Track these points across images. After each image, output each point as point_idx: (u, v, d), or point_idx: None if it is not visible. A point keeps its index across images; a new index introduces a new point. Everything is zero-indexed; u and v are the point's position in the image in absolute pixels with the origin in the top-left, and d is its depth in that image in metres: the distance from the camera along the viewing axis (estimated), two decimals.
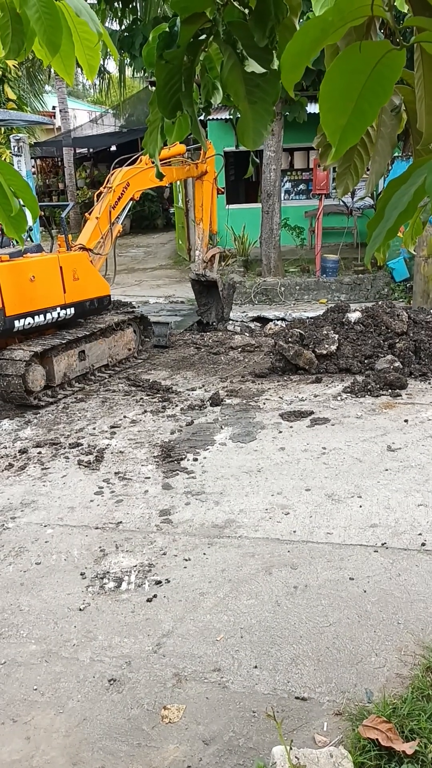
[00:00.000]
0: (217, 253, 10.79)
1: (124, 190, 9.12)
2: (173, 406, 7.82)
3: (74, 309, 8.74)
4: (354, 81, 1.23)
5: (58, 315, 8.47)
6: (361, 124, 1.26)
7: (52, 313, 8.36)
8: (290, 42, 1.25)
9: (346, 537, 4.88)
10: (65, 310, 8.58)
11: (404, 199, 1.37)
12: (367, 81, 1.23)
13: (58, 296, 8.45)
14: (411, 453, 6.17)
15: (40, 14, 1.67)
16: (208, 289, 11.21)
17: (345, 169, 1.72)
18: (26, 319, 8.00)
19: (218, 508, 5.41)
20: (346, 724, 3.25)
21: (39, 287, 8.14)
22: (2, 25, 1.95)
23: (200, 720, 3.36)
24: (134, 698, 3.53)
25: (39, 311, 8.16)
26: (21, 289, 7.89)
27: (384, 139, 1.66)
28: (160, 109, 1.67)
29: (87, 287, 8.94)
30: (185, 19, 1.58)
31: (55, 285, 8.40)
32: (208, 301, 11.39)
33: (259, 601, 4.23)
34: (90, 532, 5.18)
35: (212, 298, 11.30)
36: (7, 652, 3.94)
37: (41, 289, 8.18)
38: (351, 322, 8.96)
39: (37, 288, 8.11)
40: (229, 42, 1.61)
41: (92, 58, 1.96)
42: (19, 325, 7.90)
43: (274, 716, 3.05)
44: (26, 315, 7.99)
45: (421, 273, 11.65)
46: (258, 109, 1.64)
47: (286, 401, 7.73)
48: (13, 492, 5.93)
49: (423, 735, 3.07)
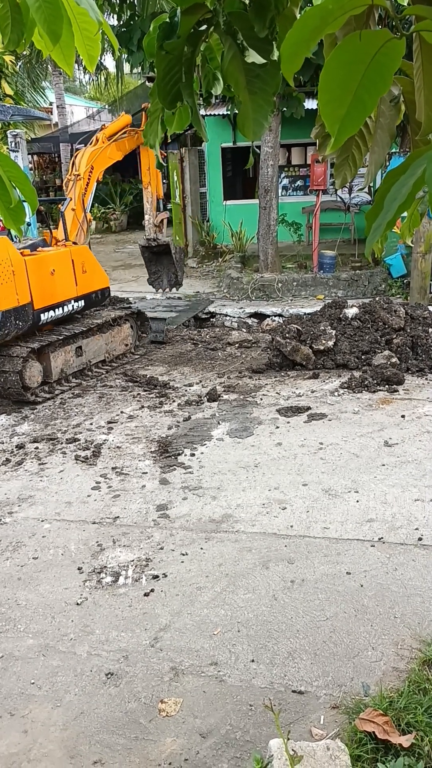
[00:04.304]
0: (164, 217, 10.79)
1: (89, 175, 9.14)
2: (170, 401, 7.82)
3: (84, 301, 8.93)
4: (353, 71, 1.22)
5: (72, 307, 8.68)
6: (360, 114, 1.26)
7: (67, 306, 8.57)
8: (290, 31, 1.25)
9: (342, 532, 4.89)
10: (77, 303, 8.79)
11: (403, 191, 1.37)
12: (366, 71, 1.22)
13: (72, 289, 8.63)
14: (408, 448, 6.18)
15: (40, 3, 1.66)
16: (157, 256, 11.02)
17: (343, 161, 1.72)
18: (49, 312, 8.20)
19: (215, 503, 5.42)
20: (343, 717, 3.26)
21: (58, 280, 8.32)
22: (2, 16, 1.95)
23: (197, 713, 3.37)
24: (131, 692, 3.54)
25: (58, 304, 8.37)
26: (44, 283, 8.07)
27: (383, 130, 1.65)
28: (161, 99, 1.66)
29: (93, 280, 9.12)
30: (185, 10, 1.58)
31: (69, 278, 8.59)
32: (158, 268, 11.15)
33: (256, 596, 4.24)
34: (87, 527, 5.18)
35: (162, 264, 11.08)
36: (4, 646, 3.95)
37: (59, 283, 8.37)
38: (348, 318, 8.96)
39: (56, 281, 8.29)
40: (229, 33, 1.60)
41: (92, 49, 1.95)
42: (45, 318, 8.10)
43: (271, 707, 3.06)
44: (49, 308, 8.19)
45: (418, 269, 11.65)
46: (258, 100, 1.64)
47: (284, 397, 7.73)
48: (10, 487, 5.92)
49: (419, 728, 3.08)
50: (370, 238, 1.48)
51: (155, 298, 13.55)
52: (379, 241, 1.71)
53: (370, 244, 1.51)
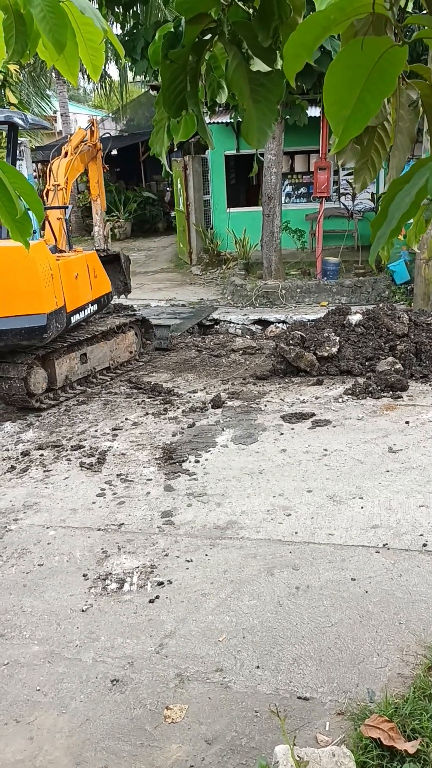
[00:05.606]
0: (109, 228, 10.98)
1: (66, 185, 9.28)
2: (175, 408, 7.83)
3: (96, 305, 9.10)
4: (357, 74, 1.25)
5: (89, 311, 8.88)
6: (364, 115, 1.28)
7: (87, 310, 8.77)
8: (293, 34, 1.27)
9: (347, 538, 4.89)
10: (92, 306, 8.96)
11: (407, 200, 1.39)
12: (370, 74, 1.25)
13: (88, 292, 8.82)
14: (412, 454, 6.18)
15: (45, 13, 1.68)
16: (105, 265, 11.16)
17: (363, 165, 1.75)
18: (75, 315, 8.40)
19: (220, 510, 5.42)
20: (348, 723, 3.26)
21: (80, 284, 8.53)
22: (6, 27, 1.97)
23: (203, 720, 3.36)
24: (137, 698, 3.54)
25: (82, 307, 8.58)
26: (71, 286, 8.25)
27: (402, 134, 1.68)
28: (166, 108, 1.68)
29: (102, 284, 9.31)
30: (190, 20, 1.60)
31: (87, 282, 8.79)
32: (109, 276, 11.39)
33: (261, 602, 4.24)
34: (92, 534, 5.19)
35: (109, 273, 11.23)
36: (10, 653, 3.95)
37: (81, 286, 8.58)
38: (352, 324, 8.97)
39: (79, 285, 8.49)
40: (233, 41, 1.62)
41: (96, 58, 1.96)
42: (74, 320, 8.31)
43: (277, 713, 3.06)
44: (75, 312, 8.39)
45: (421, 275, 11.67)
46: (262, 108, 1.66)
47: (288, 403, 7.74)
48: (15, 494, 5.94)
49: (425, 734, 3.07)
50: (375, 246, 1.50)
51: (159, 306, 13.59)
52: (385, 248, 1.72)
53: (375, 251, 1.52)
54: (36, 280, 7.47)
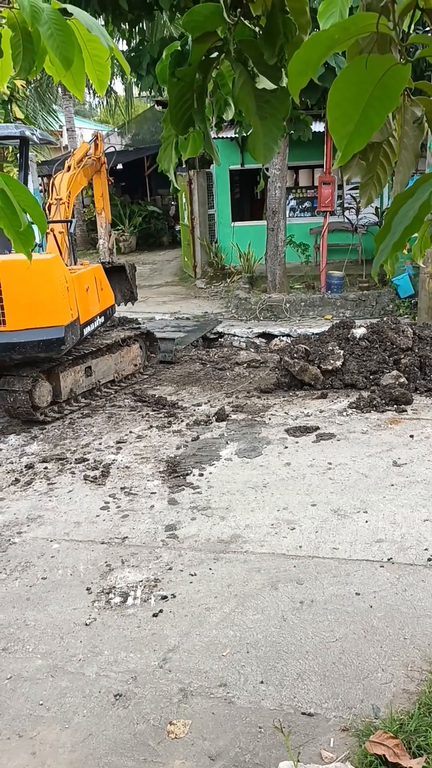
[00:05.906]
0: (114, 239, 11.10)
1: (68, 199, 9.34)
2: (179, 421, 7.83)
3: (103, 317, 9.23)
4: (361, 90, 1.27)
5: (98, 323, 9.02)
6: (368, 130, 1.30)
7: (96, 322, 8.90)
8: (297, 51, 1.30)
9: (352, 552, 4.87)
10: (100, 318, 9.09)
11: (410, 214, 1.40)
12: (373, 91, 1.27)
13: (96, 305, 8.94)
14: (417, 468, 6.17)
15: (52, 31, 1.71)
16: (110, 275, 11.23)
17: (368, 180, 1.76)
18: (87, 328, 8.52)
19: (224, 523, 5.41)
20: (353, 739, 3.23)
21: (90, 297, 8.66)
22: (14, 44, 1.99)
23: (206, 735, 3.34)
24: (140, 713, 3.52)
25: (91, 320, 8.70)
26: (83, 299, 8.38)
27: (407, 150, 1.70)
28: (173, 125, 1.70)
29: (107, 296, 9.44)
30: (197, 38, 1.62)
31: (95, 295, 8.92)
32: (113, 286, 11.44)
33: (265, 617, 4.22)
34: (96, 547, 5.18)
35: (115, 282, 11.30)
36: (13, 666, 3.94)
37: (91, 299, 8.71)
38: (356, 338, 8.98)
39: (89, 298, 8.61)
40: (240, 60, 1.64)
41: (102, 74, 1.99)
42: (86, 332, 8.45)
43: (281, 729, 3.04)
44: (87, 324, 8.51)
45: (426, 289, 11.68)
46: (268, 125, 1.68)
47: (292, 416, 7.74)
48: (19, 507, 5.94)
49: (430, 751, 3.05)
50: (377, 259, 1.51)
51: (164, 319, 13.62)
52: (389, 262, 1.74)
53: (377, 264, 1.54)
54: (54, 293, 7.57)
